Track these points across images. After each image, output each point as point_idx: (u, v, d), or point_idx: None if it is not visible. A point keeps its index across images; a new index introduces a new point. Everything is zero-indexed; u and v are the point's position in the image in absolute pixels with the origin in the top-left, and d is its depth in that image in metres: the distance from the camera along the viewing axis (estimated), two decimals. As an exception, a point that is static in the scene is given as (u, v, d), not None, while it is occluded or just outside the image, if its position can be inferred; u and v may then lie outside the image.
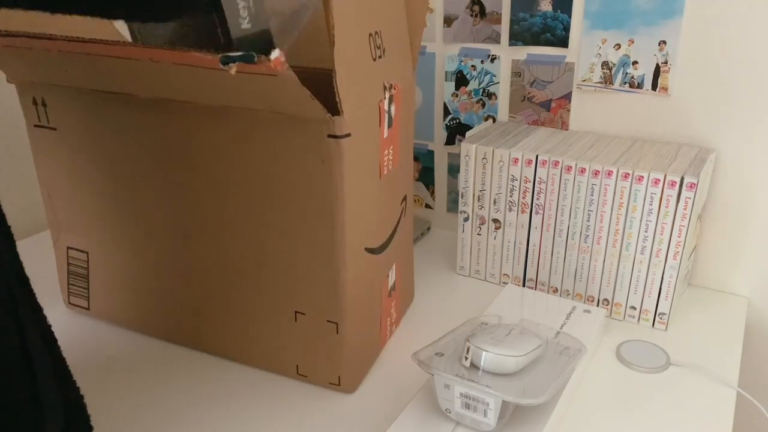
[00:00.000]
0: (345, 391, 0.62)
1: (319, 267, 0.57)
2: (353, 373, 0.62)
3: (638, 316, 0.72)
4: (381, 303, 0.65)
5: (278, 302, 0.61)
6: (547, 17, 0.79)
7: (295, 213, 0.56)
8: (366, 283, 0.61)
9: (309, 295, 0.59)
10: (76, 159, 0.65)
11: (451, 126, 0.92)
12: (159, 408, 0.61)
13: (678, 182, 0.65)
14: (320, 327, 0.59)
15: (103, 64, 0.53)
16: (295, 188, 0.55)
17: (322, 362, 0.61)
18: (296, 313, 0.60)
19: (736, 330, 0.71)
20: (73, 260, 0.71)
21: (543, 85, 0.83)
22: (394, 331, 0.72)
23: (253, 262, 0.60)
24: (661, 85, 0.76)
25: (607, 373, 0.64)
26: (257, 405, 0.61)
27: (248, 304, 0.62)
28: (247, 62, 0.42)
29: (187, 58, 0.45)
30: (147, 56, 0.48)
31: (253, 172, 0.57)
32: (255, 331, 0.63)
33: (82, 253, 0.70)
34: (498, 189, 0.77)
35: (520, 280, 0.80)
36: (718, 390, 0.62)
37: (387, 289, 0.67)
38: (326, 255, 0.56)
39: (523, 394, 0.50)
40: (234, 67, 0.42)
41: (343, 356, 0.60)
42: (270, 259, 0.59)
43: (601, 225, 0.71)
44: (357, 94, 0.53)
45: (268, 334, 0.63)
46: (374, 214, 0.60)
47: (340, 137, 0.51)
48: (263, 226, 0.58)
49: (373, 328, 0.65)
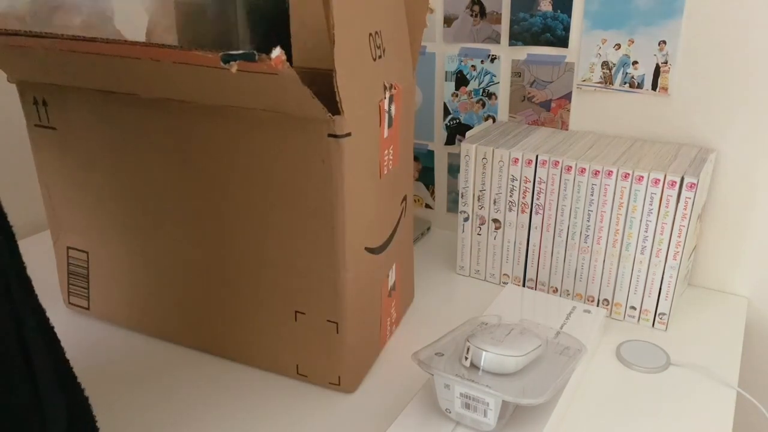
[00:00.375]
0: (345, 391, 0.62)
1: (319, 267, 0.57)
2: (353, 373, 0.62)
3: (638, 316, 0.72)
4: (381, 303, 0.65)
5: (278, 302, 0.61)
6: (547, 17, 0.79)
7: (295, 212, 0.56)
8: (366, 283, 0.61)
9: (309, 295, 0.59)
10: (76, 159, 0.65)
11: (451, 126, 0.92)
12: (159, 408, 0.61)
13: (678, 182, 0.65)
14: (320, 327, 0.59)
15: (103, 63, 0.53)
16: (295, 188, 0.55)
17: (322, 362, 0.61)
18: (296, 313, 0.60)
19: (736, 330, 0.71)
20: (73, 260, 0.71)
21: (543, 85, 0.83)
22: (394, 331, 0.72)
23: (254, 262, 0.60)
24: (661, 85, 0.76)
25: (607, 373, 0.64)
26: (257, 405, 0.61)
27: (248, 304, 0.62)
28: (248, 61, 0.42)
29: (188, 57, 0.45)
30: (148, 55, 0.48)
31: (253, 171, 0.57)
32: (255, 331, 0.63)
33: (82, 252, 0.70)
34: (498, 189, 0.77)
35: (520, 280, 0.80)
36: (718, 390, 0.62)
37: (387, 289, 0.67)
38: (326, 254, 0.56)
39: (523, 394, 0.50)
40: (235, 66, 0.42)
41: (343, 356, 0.60)
42: (270, 258, 0.59)
43: (601, 225, 0.71)
44: (357, 94, 0.53)
45: (268, 333, 0.63)
46: (374, 214, 0.60)
47: (341, 137, 0.51)
48: (263, 226, 0.58)
49: (373, 328, 0.65)
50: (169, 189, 0.62)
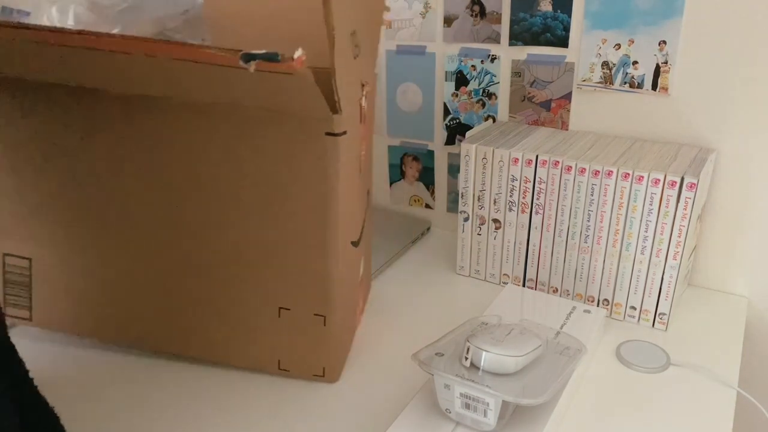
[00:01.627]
0: (329, 382, 0.63)
1: (309, 262, 0.58)
2: (336, 363, 0.63)
3: (638, 316, 0.72)
4: (355, 293, 0.67)
5: (261, 300, 0.61)
6: (547, 17, 0.79)
7: (285, 210, 0.57)
8: (348, 275, 0.62)
9: (296, 291, 0.59)
10: (19, 157, 0.61)
11: (451, 126, 0.92)
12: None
13: (678, 182, 0.65)
14: (307, 321, 0.60)
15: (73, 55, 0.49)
16: (287, 185, 0.56)
17: (307, 355, 0.62)
18: (280, 309, 0.61)
19: (736, 330, 0.71)
20: (12, 268, 0.66)
21: (543, 85, 0.83)
22: (361, 320, 0.73)
23: (237, 262, 0.60)
24: (661, 85, 0.76)
25: (607, 373, 0.64)
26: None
27: (228, 304, 0.61)
28: (271, 61, 0.42)
29: (200, 54, 0.45)
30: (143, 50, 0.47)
31: (242, 171, 0.56)
32: (235, 331, 0.62)
33: (23, 260, 0.66)
34: (498, 189, 0.77)
35: (520, 280, 0.80)
36: (718, 390, 0.62)
37: (359, 280, 0.68)
38: (318, 250, 0.57)
39: (523, 394, 0.50)
40: (254, 65, 0.43)
41: (330, 348, 0.61)
42: (254, 257, 0.59)
43: (601, 225, 0.71)
44: (347, 93, 0.54)
45: (248, 332, 0.62)
46: (356, 208, 0.62)
47: (338, 135, 0.52)
48: (248, 226, 0.58)
49: (352, 318, 0.66)
50: (140, 188, 0.59)
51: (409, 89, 0.93)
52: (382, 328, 0.72)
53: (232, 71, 0.46)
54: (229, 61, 0.44)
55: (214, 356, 0.65)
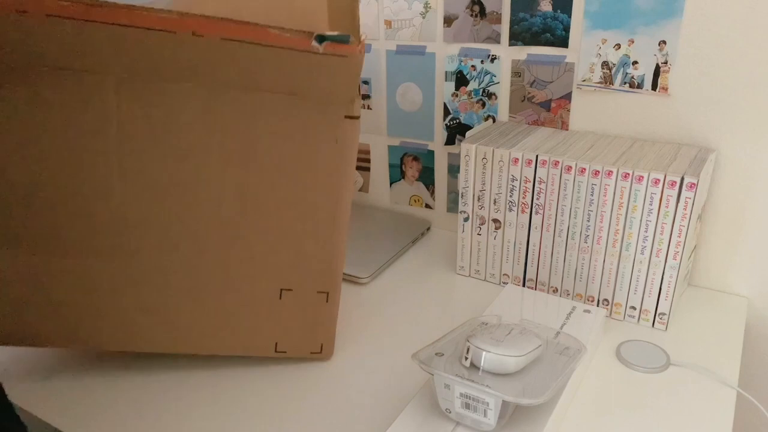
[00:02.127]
0: (324, 359, 0.65)
1: (316, 240, 0.59)
2: (332, 338, 0.65)
3: (638, 316, 0.72)
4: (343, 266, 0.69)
5: (262, 285, 0.61)
6: (547, 17, 0.79)
7: (296, 191, 0.58)
8: (343, 252, 0.64)
9: (300, 270, 0.60)
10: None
11: (451, 126, 0.92)
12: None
13: (678, 182, 0.65)
14: (309, 299, 0.61)
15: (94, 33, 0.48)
16: (299, 170, 0.57)
17: (306, 334, 0.63)
18: (282, 291, 0.61)
19: (736, 330, 0.71)
20: None
21: (543, 85, 0.83)
22: None
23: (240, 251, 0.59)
24: (661, 85, 0.76)
25: (607, 373, 0.64)
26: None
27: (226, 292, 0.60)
28: (341, 42, 0.45)
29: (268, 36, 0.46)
30: (190, 28, 0.47)
31: (257, 152, 0.56)
32: (229, 320, 0.62)
33: None
34: (498, 189, 0.77)
35: (520, 280, 0.80)
36: (718, 390, 0.62)
37: None
38: (327, 228, 0.59)
39: (523, 394, 0.50)
40: (323, 47, 0.46)
41: (328, 323, 0.63)
42: (260, 243, 0.59)
43: (601, 225, 0.71)
44: None
45: (245, 319, 0.62)
46: None
47: (355, 118, 0.55)
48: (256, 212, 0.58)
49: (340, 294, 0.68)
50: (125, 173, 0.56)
51: (409, 89, 0.93)
52: (382, 328, 0.72)
53: (284, 53, 0.47)
54: (301, 44, 0.46)
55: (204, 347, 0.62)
